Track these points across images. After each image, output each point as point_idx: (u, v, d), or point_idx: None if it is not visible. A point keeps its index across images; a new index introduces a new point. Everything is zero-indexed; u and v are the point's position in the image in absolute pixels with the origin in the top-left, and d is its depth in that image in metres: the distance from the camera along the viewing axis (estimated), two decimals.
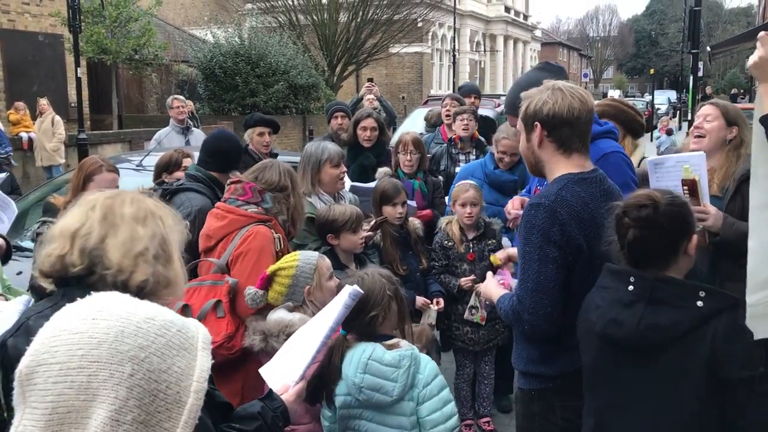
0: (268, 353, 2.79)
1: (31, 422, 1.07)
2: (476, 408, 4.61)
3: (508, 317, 2.51)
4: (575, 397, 2.41)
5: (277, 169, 3.28)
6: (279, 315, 2.83)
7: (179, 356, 1.15)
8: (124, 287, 1.66)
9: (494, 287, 2.73)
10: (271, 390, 2.11)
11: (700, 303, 1.96)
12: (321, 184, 3.98)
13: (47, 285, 1.83)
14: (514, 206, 3.31)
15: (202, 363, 1.19)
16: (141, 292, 1.66)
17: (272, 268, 2.92)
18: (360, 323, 2.54)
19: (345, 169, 4.14)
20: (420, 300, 4.05)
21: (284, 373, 2.26)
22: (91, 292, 1.29)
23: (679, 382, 1.98)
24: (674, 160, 3.30)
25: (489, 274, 2.90)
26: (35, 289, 2.87)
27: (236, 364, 2.99)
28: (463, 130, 5.70)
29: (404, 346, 2.54)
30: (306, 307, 2.88)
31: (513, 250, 2.94)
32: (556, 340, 2.43)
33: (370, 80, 9.13)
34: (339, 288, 2.58)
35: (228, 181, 3.34)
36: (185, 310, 2.96)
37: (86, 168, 3.67)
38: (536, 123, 2.41)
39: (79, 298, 1.25)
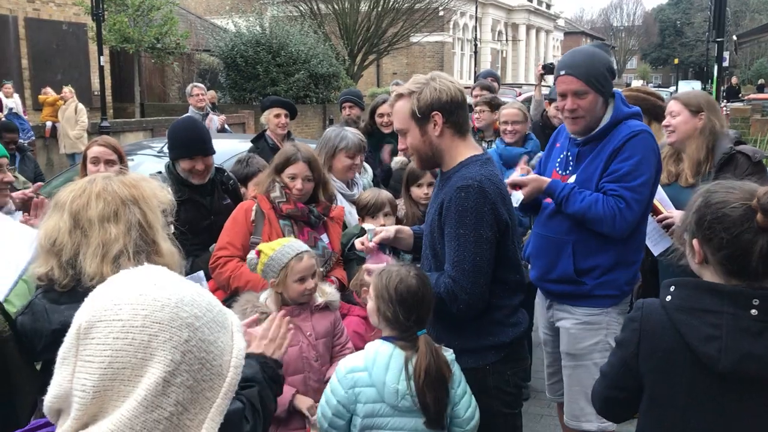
0: None
1: (85, 375, 1.10)
2: None
3: (441, 298, 2.44)
4: (520, 361, 2.64)
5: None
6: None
7: (221, 333, 1.21)
8: None
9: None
10: None
11: None
12: (333, 170, 3.99)
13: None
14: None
15: (239, 343, 1.24)
16: None
17: (263, 246, 2.87)
18: (405, 323, 2.34)
19: (359, 162, 4.12)
20: None
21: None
22: None
23: None
24: None
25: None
26: None
27: None
28: (476, 120, 5.70)
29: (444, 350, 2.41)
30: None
31: (384, 232, 2.74)
32: (500, 309, 2.52)
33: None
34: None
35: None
36: None
37: None
38: (435, 112, 2.47)
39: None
